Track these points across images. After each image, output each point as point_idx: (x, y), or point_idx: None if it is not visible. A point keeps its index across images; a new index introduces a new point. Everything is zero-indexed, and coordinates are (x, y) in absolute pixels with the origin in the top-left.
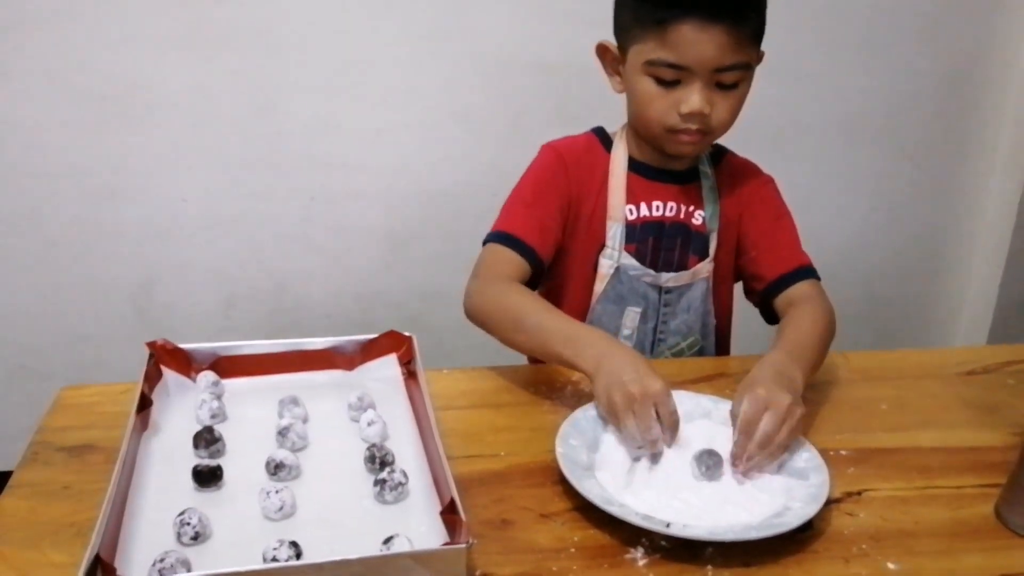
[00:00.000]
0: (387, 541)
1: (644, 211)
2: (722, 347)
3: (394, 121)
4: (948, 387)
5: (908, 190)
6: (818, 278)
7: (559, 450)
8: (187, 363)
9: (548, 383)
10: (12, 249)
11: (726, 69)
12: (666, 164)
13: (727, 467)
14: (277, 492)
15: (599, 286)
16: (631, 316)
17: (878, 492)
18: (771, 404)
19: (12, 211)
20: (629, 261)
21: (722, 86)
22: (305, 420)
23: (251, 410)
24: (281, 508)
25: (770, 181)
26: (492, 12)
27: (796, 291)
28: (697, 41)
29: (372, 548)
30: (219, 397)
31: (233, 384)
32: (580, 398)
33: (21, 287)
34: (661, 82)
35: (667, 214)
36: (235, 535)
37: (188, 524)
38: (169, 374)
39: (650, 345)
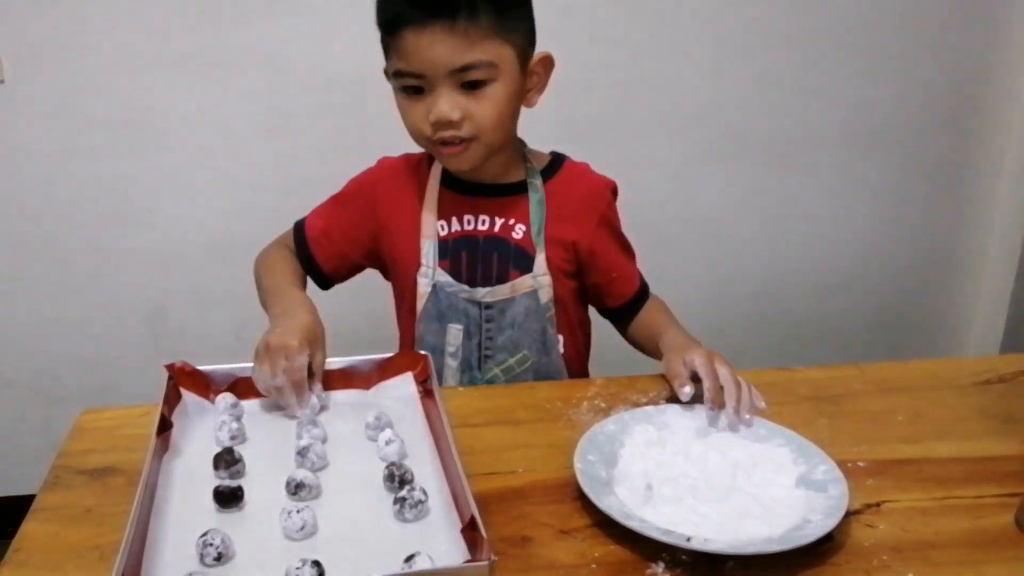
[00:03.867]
0: (409, 559)
1: (456, 226)
2: (578, 364)
3: (402, 140)
4: (963, 397)
5: (917, 201)
6: (648, 290)
7: (577, 466)
8: (206, 385)
9: (564, 399)
10: (27, 274)
11: (464, 69)
12: (479, 176)
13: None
14: (298, 512)
15: (419, 305)
16: (453, 333)
17: (897, 503)
18: (712, 357)
19: (27, 236)
20: (444, 278)
21: (471, 86)
22: (324, 440)
23: (270, 430)
24: (303, 528)
25: (606, 192)
26: None
27: (646, 309)
28: (420, 46)
29: (394, 566)
30: (238, 418)
31: (252, 405)
32: (596, 414)
33: (36, 312)
34: (409, 93)
35: (480, 227)
36: (257, 555)
37: (211, 545)
38: (188, 396)
39: (477, 362)
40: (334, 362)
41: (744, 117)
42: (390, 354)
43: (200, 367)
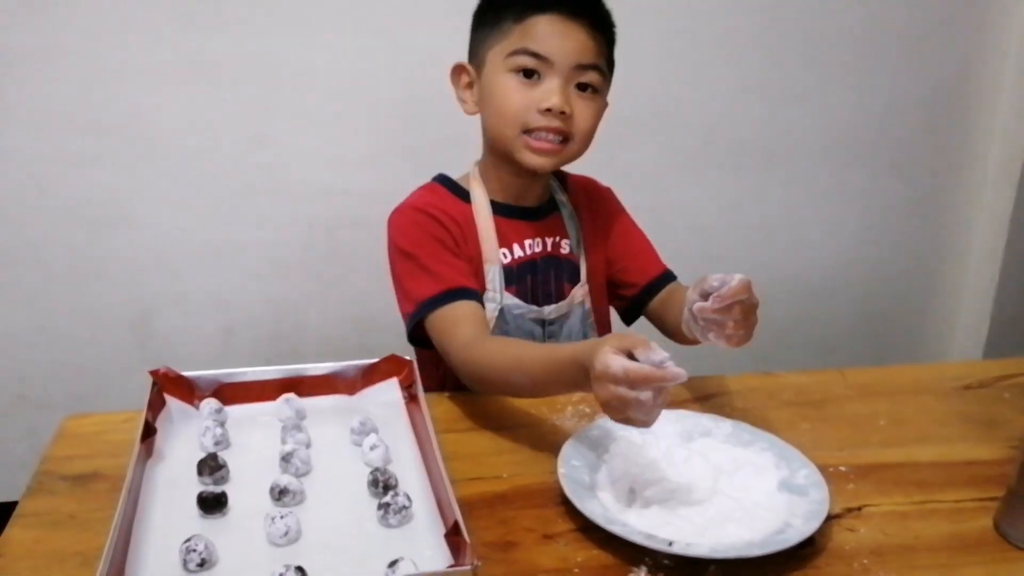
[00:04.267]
0: (392, 564)
1: (518, 252)
2: None
3: (390, 147)
4: (945, 402)
5: (900, 207)
6: (676, 277)
7: (561, 471)
8: (190, 391)
9: (548, 404)
10: (11, 280)
11: (586, 67)
12: (524, 201)
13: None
14: (282, 517)
15: None
16: None
17: (878, 507)
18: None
19: (11, 242)
20: (512, 301)
21: (581, 88)
22: (308, 445)
23: (254, 436)
24: (286, 533)
25: (610, 191)
26: None
27: (667, 291)
28: (556, 33)
29: (377, 572)
30: (222, 424)
31: (236, 411)
32: (580, 418)
33: (20, 317)
34: (521, 77)
35: (536, 250)
36: (241, 561)
37: (194, 551)
38: (172, 402)
39: None
40: (319, 367)
41: (728, 124)
42: (375, 359)
43: (184, 373)
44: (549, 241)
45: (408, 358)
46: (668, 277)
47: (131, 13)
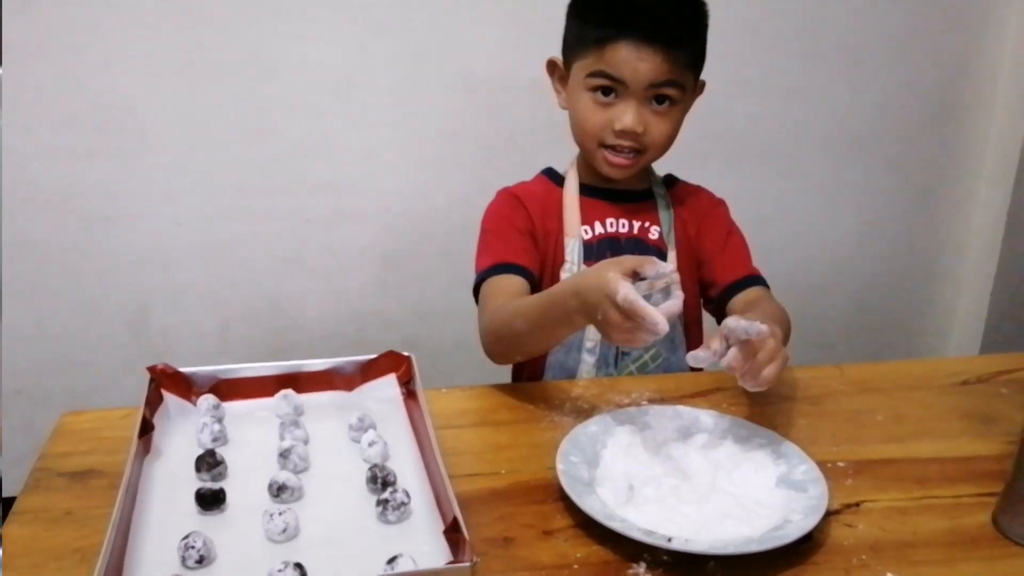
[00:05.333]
0: (391, 561)
1: (599, 229)
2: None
3: (387, 142)
4: (943, 398)
5: (898, 202)
6: (768, 287)
7: (560, 467)
8: (187, 387)
9: (547, 400)
10: (7, 275)
11: (660, 84)
12: (616, 184)
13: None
14: (280, 514)
15: None
16: (594, 328)
17: (876, 503)
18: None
19: (7, 237)
20: None
21: (659, 101)
22: (306, 441)
23: (252, 432)
24: (284, 530)
25: (722, 203)
26: (483, 33)
27: (750, 293)
28: (632, 59)
29: (376, 568)
30: (220, 420)
31: (233, 407)
32: (579, 414)
33: (17, 312)
34: (599, 95)
35: (621, 230)
36: (239, 558)
37: (192, 548)
38: (170, 398)
39: (614, 358)
40: (317, 363)
41: (727, 119)
42: (373, 355)
43: (182, 369)
44: (637, 224)
45: (407, 354)
46: (754, 280)
47: (126, 7)
